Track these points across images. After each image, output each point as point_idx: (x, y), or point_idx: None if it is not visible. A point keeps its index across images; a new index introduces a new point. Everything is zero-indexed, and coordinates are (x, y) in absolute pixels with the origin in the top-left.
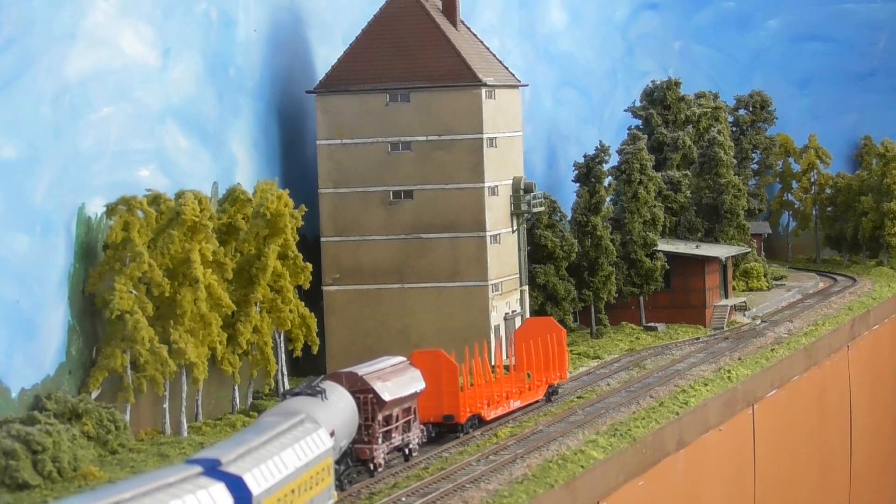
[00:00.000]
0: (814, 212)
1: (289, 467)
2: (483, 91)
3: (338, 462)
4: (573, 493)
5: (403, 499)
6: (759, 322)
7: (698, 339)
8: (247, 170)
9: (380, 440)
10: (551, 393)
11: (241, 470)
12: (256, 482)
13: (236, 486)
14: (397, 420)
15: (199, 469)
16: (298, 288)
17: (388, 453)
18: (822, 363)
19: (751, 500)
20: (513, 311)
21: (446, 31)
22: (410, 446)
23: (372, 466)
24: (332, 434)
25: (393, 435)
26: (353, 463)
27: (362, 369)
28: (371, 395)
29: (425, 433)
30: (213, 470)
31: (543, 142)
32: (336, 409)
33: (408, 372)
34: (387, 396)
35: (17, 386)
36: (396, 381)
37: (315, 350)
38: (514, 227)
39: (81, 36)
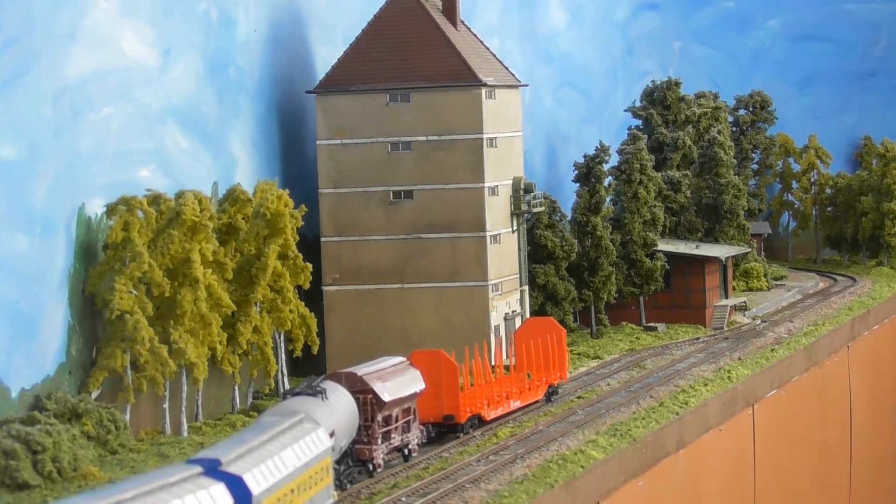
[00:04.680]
0: (814, 212)
1: (288, 467)
2: (483, 91)
3: (338, 462)
4: (573, 493)
5: (403, 499)
6: (759, 322)
7: (698, 339)
8: (247, 170)
9: (379, 440)
10: (551, 393)
11: (241, 470)
12: (256, 482)
13: (236, 486)
14: (397, 420)
15: (199, 469)
16: (298, 288)
17: (387, 454)
18: (822, 363)
19: (751, 499)
20: (513, 311)
21: (446, 31)
22: (410, 447)
23: (371, 467)
24: (332, 434)
25: (392, 435)
26: (353, 463)
27: (362, 369)
28: (371, 396)
29: (425, 433)
30: (213, 470)
31: (543, 142)
32: (336, 409)
33: (408, 372)
34: (386, 397)
35: (17, 386)
36: (396, 381)
37: (315, 350)
38: (514, 227)
39: (81, 36)
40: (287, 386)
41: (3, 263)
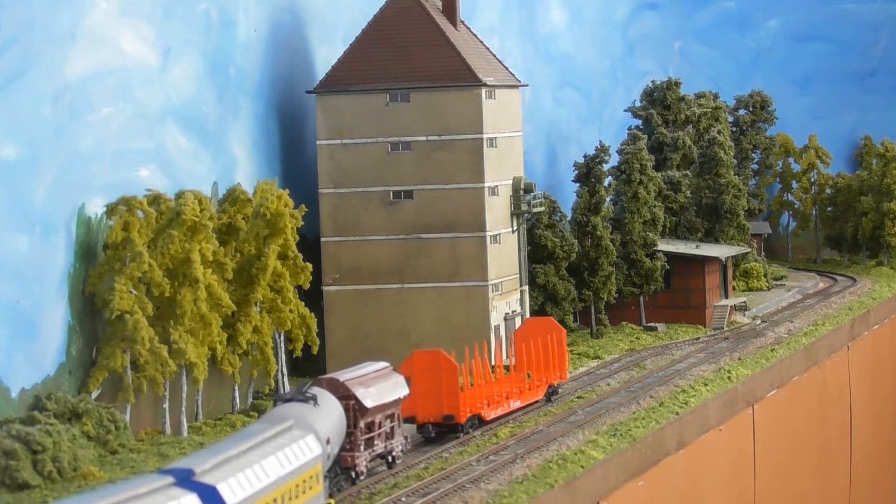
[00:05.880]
0: (814, 212)
1: (270, 476)
2: (483, 91)
3: (329, 470)
4: (573, 493)
5: (403, 499)
6: (759, 322)
7: (698, 339)
8: (247, 170)
9: (362, 447)
10: (551, 393)
11: (215, 479)
12: (232, 492)
13: (210, 497)
14: (380, 427)
15: (170, 479)
16: (298, 288)
17: (370, 461)
18: (822, 363)
19: (751, 499)
20: (513, 311)
21: (446, 31)
22: (394, 454)
23: (354, 474)
24: (327, 441)
25: (375, 442)
26: (340, 471)
27: (344, 375)
28: (353, 402)
29: (409, 440)
30: (186, 480)
31: (543, 142)
32: (330, 415)
33: (391, 378)
34: (369, 403)
35: (17, 386)
36: (379, 387)
37: (315, 350)
38: (514, 227)
39: (81, 36)
40: (287, 386)
41: (3, 263)
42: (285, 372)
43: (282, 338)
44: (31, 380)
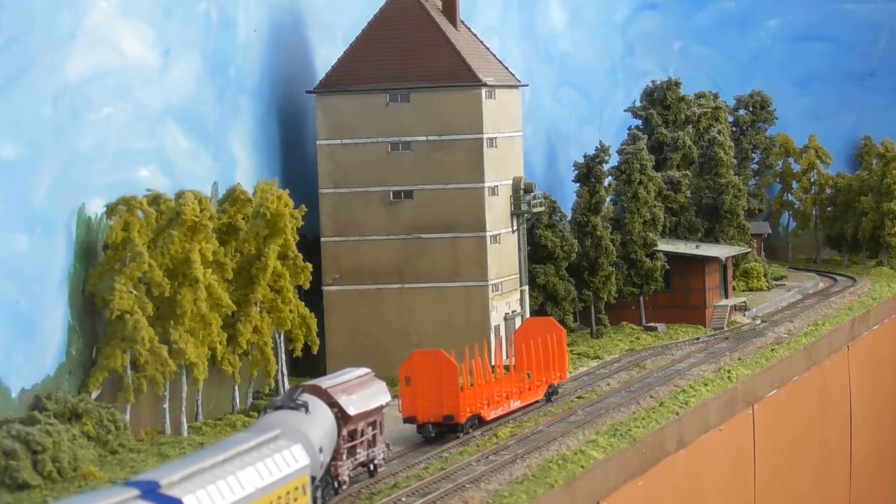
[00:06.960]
0: (814, 212)
1: (246, 488)
2: (483, 91)
3: (321, 479)
4: (573, 493)
5: (403, 499)
6: (759, 322)
7: (698, 339)
8: (247, 170)
9: (344, 456)
10: (551, 393)
11: (183, 492)
12: None
13: None
14: (362, 435)
15: (135, 492)
16: (298, 288)
17: (352, 470)
18: (822, 363)
19: (751, 500)
20: (513, 311)
21: (446, 31)
22: (376, 462)
23: (336, 484)
24: (320, 450)
25: (358, 450)
26: (331, 479)
27: (326, 382)
28: (336, 410)
29: (391, 447)
30: (151, 493)
31: (543, 142)
32: (322, 423)
33: (373, 385)
34: (352, 411)
35: (17, 386)
36: (362, 394)
37: (315, 350)
38: (514, 227)
39: (81, 36)
40: (287, 386)
41: (3, 263)
42: (285, 372)
43: (282, 338)
44: (31, 380)
